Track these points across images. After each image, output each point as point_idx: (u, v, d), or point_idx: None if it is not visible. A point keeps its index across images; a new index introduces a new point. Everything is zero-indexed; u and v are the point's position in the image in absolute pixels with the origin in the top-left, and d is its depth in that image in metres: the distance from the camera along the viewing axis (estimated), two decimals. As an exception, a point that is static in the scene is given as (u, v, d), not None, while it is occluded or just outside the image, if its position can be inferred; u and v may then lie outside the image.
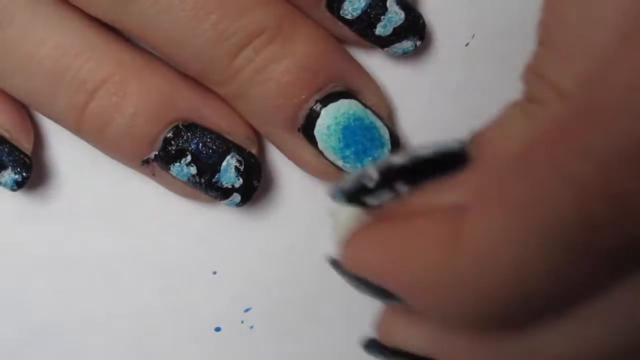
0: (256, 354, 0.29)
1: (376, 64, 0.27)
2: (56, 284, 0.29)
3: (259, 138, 0.27)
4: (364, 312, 0.28)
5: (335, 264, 0.22)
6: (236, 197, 0.26)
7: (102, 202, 0.28)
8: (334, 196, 0.20)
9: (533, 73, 0.19)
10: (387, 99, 0.27)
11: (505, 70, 0.27)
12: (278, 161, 0.28)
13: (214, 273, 0.28)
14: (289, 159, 0.27)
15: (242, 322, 0.29)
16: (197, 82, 0.26)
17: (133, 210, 0.28)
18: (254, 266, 0.28)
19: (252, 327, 0.29)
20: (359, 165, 0.25)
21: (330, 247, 0.28)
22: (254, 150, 0.26)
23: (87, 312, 0.29)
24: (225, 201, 0.26)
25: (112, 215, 0.28)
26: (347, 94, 0.25)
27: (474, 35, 0.27)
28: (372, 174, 0.20)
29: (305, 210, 0.28)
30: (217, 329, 0.29)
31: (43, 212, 0.28)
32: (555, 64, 0.18)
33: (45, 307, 0.29)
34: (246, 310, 0.29)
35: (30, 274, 0.29)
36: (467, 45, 0.27)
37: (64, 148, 0.28)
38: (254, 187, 0.26)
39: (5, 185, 0.26)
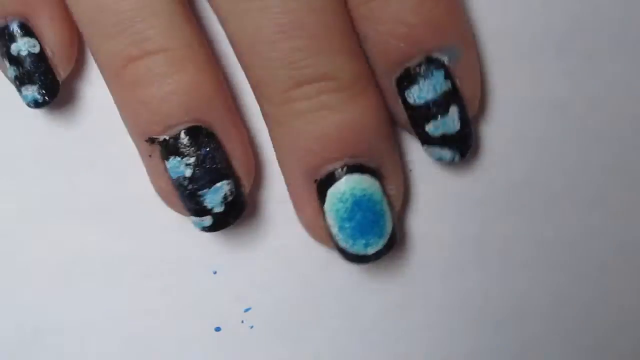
0: (256, 354, 0.29)
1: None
2: (56, 284, 0.29)
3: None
4: (364, 312, 0.28)
5: None
6: (207, 220, 0.26)
7: (102, 202, 0.28)
8: None
9: None
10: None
11: (506, 70, 0.28)
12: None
13: (214, 273, 0.28)
14: (291, 200, 0.27)
15: (242, 322, 0.29)
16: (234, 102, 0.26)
17: (133, 210, 0.28)
18: (254, 266, 0.28)
19: (252, 327, 0.29)
20: (351, 241, 0.25)
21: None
22: (246, 190, 0.26)
23: (87, 312, 0.29)
24: (195, 219, 0.26)
25: (112, 215, 0.28)
26: (374, 173, 0.25)
27: (473, 36, 0.27)
28: None
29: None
30: (217, 329, 0.29)
31: (43, 212, 0.28)
32: None
33: (45, 307, 0.29)
34: (246, 310, 0.29)
35: (30, 274, 0.29)
36: (467, 45, 0.27)
37: (63, 148, 0.28)
38: (227, 223, 0.26)
39: (24, 99, 0.26)
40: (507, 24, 0.27)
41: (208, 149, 0.25)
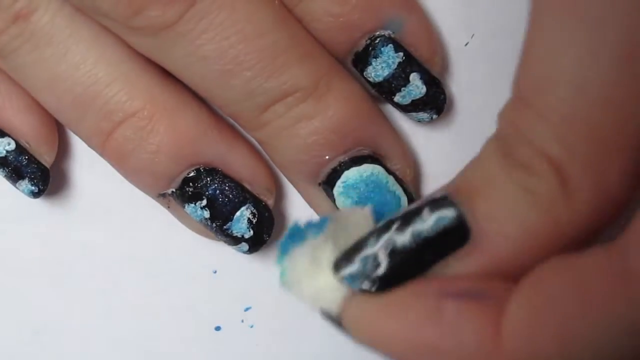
0: (256, 354, 0.29)
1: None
2: (56, 284, 0.29)
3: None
4: (364, 312, 0.28)
5: (335, 320, 0.21)
6: (244, 246, 0.26)
7: (102, 202, 0.28)
8: (342, 280, 0.20)
9: (512, 126, 0.19)
10: (415, 163, 0.27)
11: (505, 70, 0.27)
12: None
13: (214, 273, 0.28)
14: (309, 205, 0.27)
15: (242, 321, 0.29)
16: (228, 125, 0.26)
17: (133, 210, 0.28)
18: (254, 266, 0.28)
19: (252, 327, 0.29)
20: None
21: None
22: (271, 202, 0.26)
23: (87, 312, 0.29)
24: (234, 247, 0.26)
25: (113, 215, 0.28)
26: (372, 158, 0.25)
27: (473, 35, 0.27)
28: (382, 261, 0.19)
29: (306, 210, 0.28)
30: (217, 329, 0.29)
31: (43, 212, 0.28)
32: (535, 123, 0.18)
33: (45, 307, 0.29)
34: (246, 310, 0.29)
35: (30, 274, 0.29)
36: (466, 45, 0.27)
37: (64, 149, 0.28)
38: (264, 241, 0.26)
39: (23, 192, 0.27)
40: (507, 23, 0.27)
41: (215, 186, 0.25)
